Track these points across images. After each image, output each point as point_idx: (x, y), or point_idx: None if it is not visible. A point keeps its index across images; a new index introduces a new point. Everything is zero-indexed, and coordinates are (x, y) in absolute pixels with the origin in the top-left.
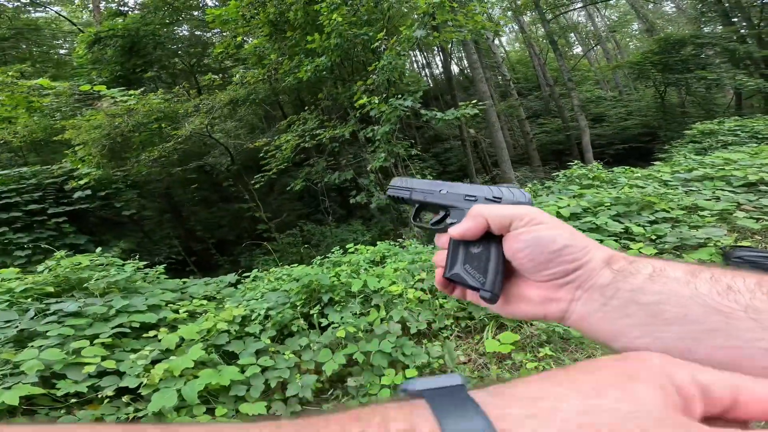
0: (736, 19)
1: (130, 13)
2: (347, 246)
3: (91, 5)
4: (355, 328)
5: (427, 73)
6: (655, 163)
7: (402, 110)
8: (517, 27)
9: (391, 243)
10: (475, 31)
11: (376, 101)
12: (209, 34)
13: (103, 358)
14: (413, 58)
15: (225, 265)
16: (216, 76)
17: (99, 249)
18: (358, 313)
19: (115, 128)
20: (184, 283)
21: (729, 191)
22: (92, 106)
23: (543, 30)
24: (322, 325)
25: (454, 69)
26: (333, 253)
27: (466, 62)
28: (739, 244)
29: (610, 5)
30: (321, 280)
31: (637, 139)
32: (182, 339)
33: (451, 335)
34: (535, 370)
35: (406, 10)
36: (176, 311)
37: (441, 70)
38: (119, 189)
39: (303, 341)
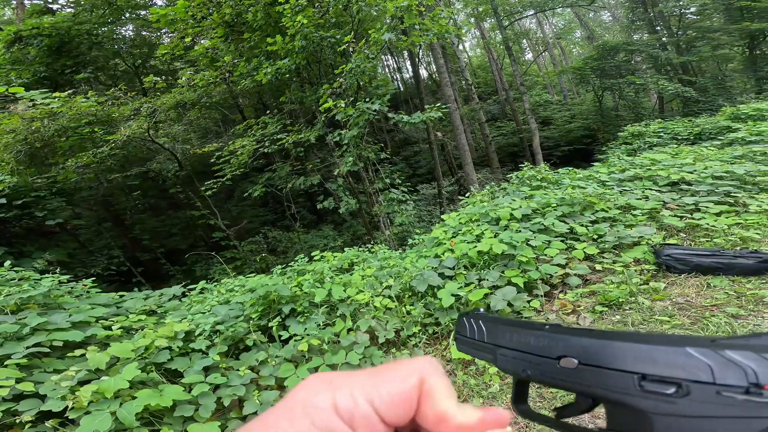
0: (659, 28)
1: (60, 11)
2: (313, 253)
3: (14, 1)
4: (320, 340)
5: (398, 77)
6: (594, 164)
7: (370, 114)
8: (478, 33)
9: (360, 249)
10: (441, 35)
11: (342, 105)
12: (158, 34)
13: (18, 381)
14: (385, 62)
15: (177, 275)
16: (158, 78)
17: (8, 263)
18: (322, 324)
19: (34, 133)
20: (121, 296)
21: (656, 190)
22: (7, 109)
23: (500, 36)
24: (282, 338)
25: (423, 73)
26: (296, 261)
27: (434, 67)
28: (667, 242)
29: (557, 13)
30: (280, 290)
31: (580, 141)
32: (116, 358)
33: (419, 342)
34: (497, 375)
35: (375, 13)
36: (108, 328)
37: (411, 74)
38: (41, 197)
39: (260, 356)
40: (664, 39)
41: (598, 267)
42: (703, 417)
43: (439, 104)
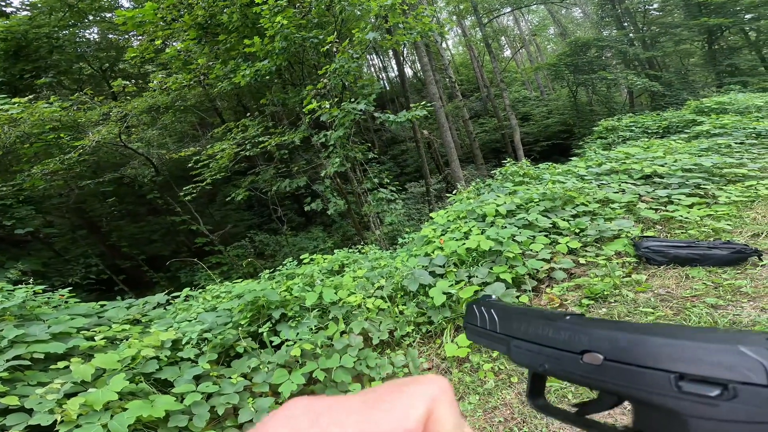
0: (626, 24)
1: (15, 14)
2: (302, 256)
3: None
4: (313, 344)
5: (384, 76)
6: (572, 158)
7: (355, 114)
8: (460, 31)
9: (350, 250)
10: (424, 33)
11: (327, 105)
12: (126, 36)
13: (2, 395)
14: (370, 62)
15: (161, 282)
16: (128, 82)
17: None
18: (315, 327)
19: None
20: (102, 306)
21: (631, 184)
22: None
23: (480, 33)
24: (274, 343)
25: (408, 72)
26: (285, 265)
27: (419, 65)
28: (645, 234)
29: (532, 10)
30: (268, 295)
31: (558, 136)
32: (102, 369)
33: (413, 342)
34: (491, 371)
35: (359, 12)
36: (91, 338)
37: (396, 73)
38: (7, 205)
39: (252, 362)
40: (631, 35)
41: (582, 260)
42: (750, 423)
43: (424, 102)
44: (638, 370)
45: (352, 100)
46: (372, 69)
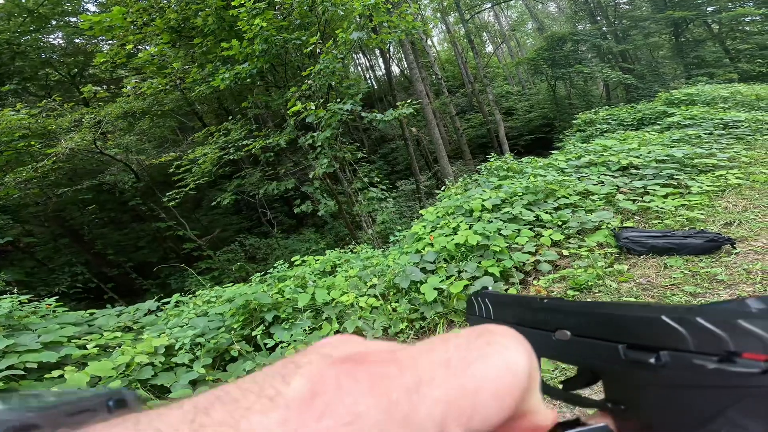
0: (599, 18)
1: None
2: (294, 258)
3: None
4: (307, 345)
5: (371, 74)
6: (553, 152)
7: (342, 114)
8: (444, 27)
9: (342, 250)
10: (408, 31)
11: (313, 107)
12: (95, 41)
13: None
14: (357, 61)
15: (152, 289)
16: (99, 88)
17: None
18: (308, 328)
19: None
20: (91, 314)
21: (609, 175)
22: None
23: (463, 29)
24: (268, 345)
25: (395, 70)
26: (276, 268)
27: (405, 63)
28: (624, 225)
29: (511, 6)
30: (260, 298)
31: (540, 129)
32: (98, 377)
33: (407, 338)
34: None
35: (342, 12)
36: (83, 347)
37: (384, 71)
38: None
39: (248, 365)
40: (604, 29)
41: (565, 252)
42: (678, 386)
43: (410, 100)
44: (597, 343)
45: (339, 100)
46: (359, 68)
